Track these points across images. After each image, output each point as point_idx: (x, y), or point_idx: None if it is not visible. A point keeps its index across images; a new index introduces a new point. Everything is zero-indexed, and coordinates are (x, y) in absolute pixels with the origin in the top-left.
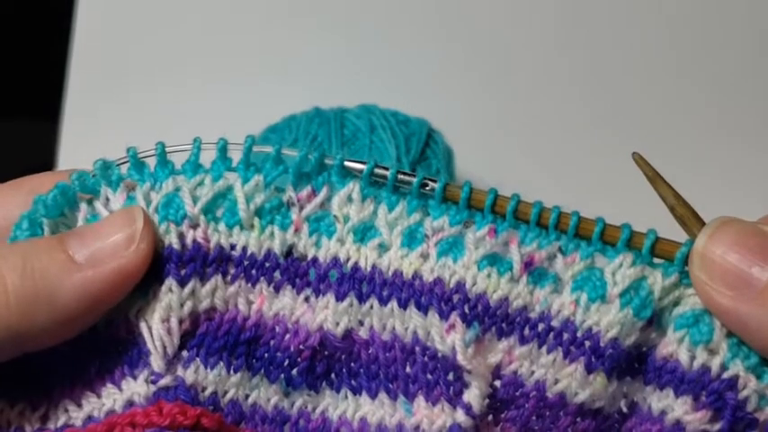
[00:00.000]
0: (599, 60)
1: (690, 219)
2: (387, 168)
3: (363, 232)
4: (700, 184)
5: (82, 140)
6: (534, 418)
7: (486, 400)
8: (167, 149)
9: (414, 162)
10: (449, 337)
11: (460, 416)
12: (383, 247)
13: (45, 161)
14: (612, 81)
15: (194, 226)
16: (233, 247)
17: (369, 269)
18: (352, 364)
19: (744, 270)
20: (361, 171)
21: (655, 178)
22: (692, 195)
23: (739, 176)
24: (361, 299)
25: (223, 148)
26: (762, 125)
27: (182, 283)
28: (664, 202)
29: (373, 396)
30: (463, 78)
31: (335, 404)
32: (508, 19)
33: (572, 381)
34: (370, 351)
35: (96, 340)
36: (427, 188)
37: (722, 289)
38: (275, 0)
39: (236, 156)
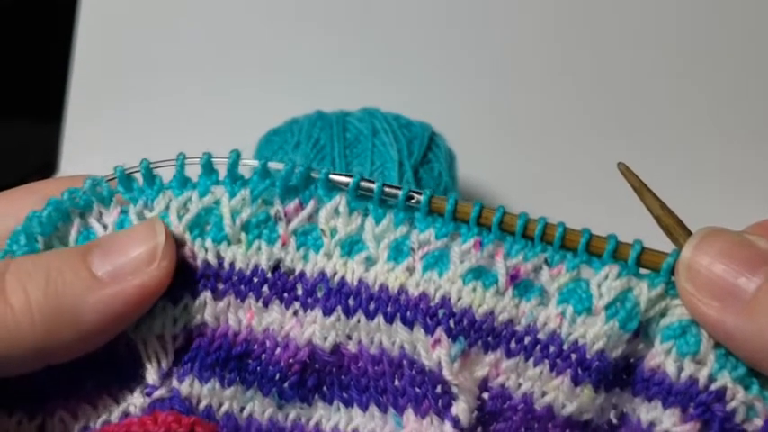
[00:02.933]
0: (601, 64)
1: (676, 229)
2: (373, 182)
3: (350, 246)
4: (687, 191)
5: (84, 142)
6: (523, 430)
7: (475, 413)
8: (152, 165)
9: (416, 165)
10: (435, 352)
11: (449, 429)
12: (370, 261)
13: (47, 163)
14: (613, 87)
15: (181, 244)
16: (221, 263)
17: (355, 283)
18: (343, 377)
19: (730, 281)
20: (347, 184)
21: (641, 189)
22: (679, 203)
23: (727, 183)
24: (349, 313)
25: (207, 164)
26: (750, 131)
27: (174, 300)
28: (650, 213)
29: (364, 408)
30: (465, 82)
31: (328, 416)
32: (511, 23)
33: (559, 393)
34: (359, 364)
35: (93, 354)
36: (413, 201)
37: (708, 300)
38: (278, 4)
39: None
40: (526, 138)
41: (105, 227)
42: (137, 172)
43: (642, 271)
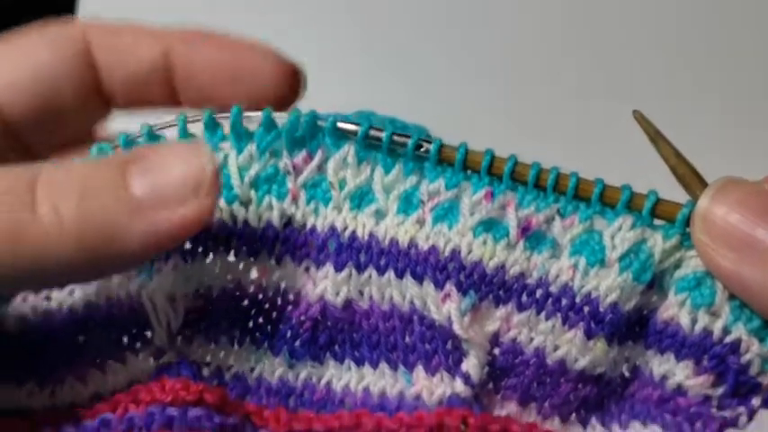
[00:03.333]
0: (604, 64)
1: (692, 179)
2: (382, 130)
3: (360, 198)
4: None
5: None
6: (535, 385)
7: (486, 369)
8: (155, 129)
9: None
10: (444, 307)
11: (459, 385)
12: (380, 214)
13: None
14: (614, 88)
15: None
16: (234, 221)
17: (366, 238)
18: (354, 335)
19: (747, 232)
20: (355, 133)
21: (656, 137)
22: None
23: (743, 138)
24: (360, 268)
25: (210, 121)
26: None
27: (186, 259)
28: (665, 162)
29: (375, 366)
30: (462, 85)
31: (339, 375)
32: (510, 25)
33: (572, 347)
34: (370, 321)
35: (98, 317)
36: (422, 150)
37: (724, 251)
38: (272, 7)
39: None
40: (525, 141)
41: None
42: (139, 138)
43: (657, 222)
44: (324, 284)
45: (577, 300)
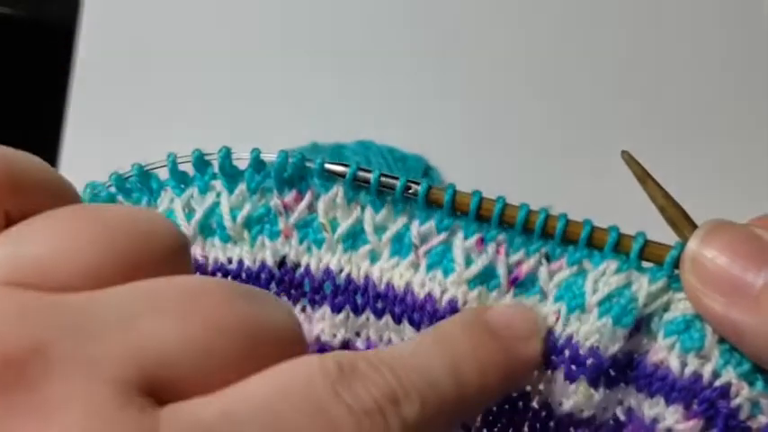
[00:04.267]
0: (599, 87)
1: (681, 221)
2: (370, 171)
3: (353, 239)
4: (692, 185)
5: (82, 163)
6: (526, 429)
7: (479, 415)
8: (146, 168)
9: None
10: None
11: (456, 429)
12: (374, 256)
13: None
14: (612, 101)
15: (192, 244)
16: (230, 260)
17: (362, 280)
18: None
19: (737, 276)
20: (343, 174)
21: (644, 178)
22: (683, 197)
23: (729, 178)
24: (357, 311)
25: (199, 160)
26: (758, 126)
27: None
28: (653, 203)
29: None
30: (461, 116)
31: None
32: (508, 55)
33: (554, 390)
34: None
35: None
36: (410, 191)
37: (714, 295)
38: (272, 35)
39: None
40: (523, 171)
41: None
42: (130, 177)
43: (646, 264)
44: (321, 326)
45: (558, 343)
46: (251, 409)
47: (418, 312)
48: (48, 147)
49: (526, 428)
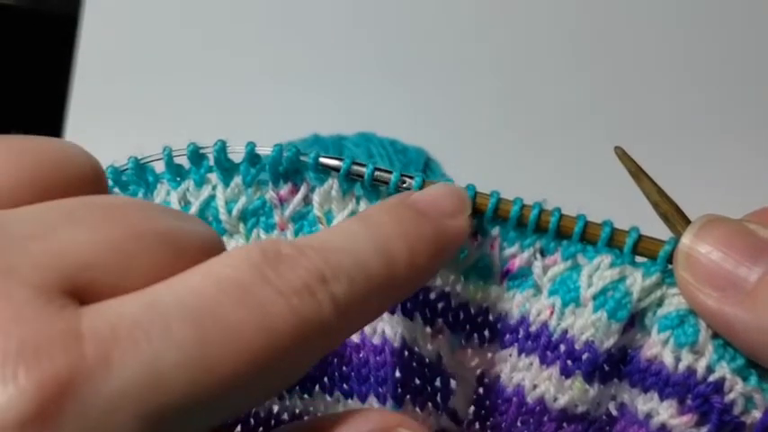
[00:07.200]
0: (593, 83)
1: (674, 216)
2: (364, 165)
3: None
4: (685, 181)
5: (86, 139)
6: (519, 424)
7: (472, 408)
8: (142, 161)
9: None
10: (434, 343)
11: (446, 420)
12: None
13: None
14: (608, 92)
15: None
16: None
17: None
18: (344, 368)
19: (730, 271)
20: (337, 168)
21: (638, 173)
22: (676, 192)
23: (725, 173)
24: None
25: (194, 154)
26: (748, 122)
27: None
28: (647, 199)
29: (363, 399)
30: (462, 108)
31: (327, 408)
32: (507, 48)
33: (549, 385)
34: (360, 354)
35: None
36: (404, 185)
37: (708, 290)
38: (276, 26)
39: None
40: (523, 164)
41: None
42: (126, 170)
43: (639, 259)
44: None
45: (553, 338)
46: (177, 298)
47: (412, 302)
48: (50, 136)
49: (519, 423)
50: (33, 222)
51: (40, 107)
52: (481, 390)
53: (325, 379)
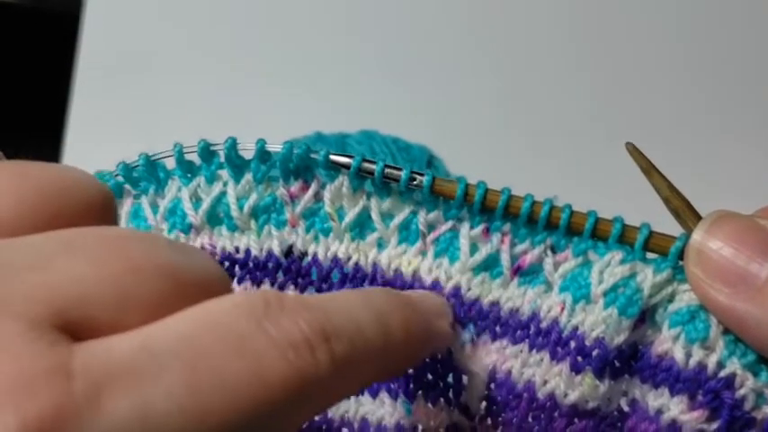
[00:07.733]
0: (604, 79)
1: (685, 212)
2: (374, 162)
3: (360, 227)
4: (685, 181)
5: (85, 154)
6: (530, 420)
7: (484, 403)
8: (152, 158)
9: None
10: None
11: (458, 416)
12: (381, 243)
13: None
14: (613, 89)
15: (200, 233)
16: (237, 249)
17: (370, 268)
18: None
19: (742, 267)
20: (347, 165)
21: (649, 169)
22: (687, 189)
23: (735, 170)
24: None
25: (204, 151)
26: (749, 122)
27: None
28: (658, 194)
29: (374, 395)
30: (464, 106)
31: (338, 404)
32: (510, 46)
33: (560, 381)
34: None
35: None
36: (415, 182)
37: (719, 286)
38: (277, 25)
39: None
40: (526, 162)
41: (119, 217)
42: (137, 166)
43: (650, 255)
44: None
45: (564, 334)
46: (171, 341)
47: None
48: (52, 136)
49: (530, 419)
50: (30, 253)
51: (42, 105)
52: (492, 385)
53: None
